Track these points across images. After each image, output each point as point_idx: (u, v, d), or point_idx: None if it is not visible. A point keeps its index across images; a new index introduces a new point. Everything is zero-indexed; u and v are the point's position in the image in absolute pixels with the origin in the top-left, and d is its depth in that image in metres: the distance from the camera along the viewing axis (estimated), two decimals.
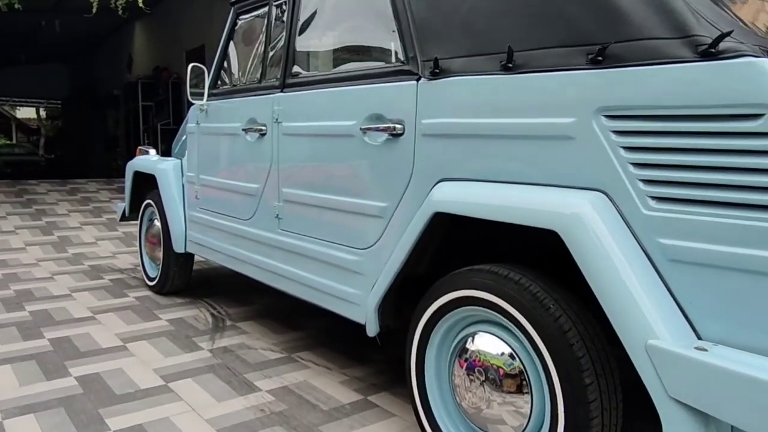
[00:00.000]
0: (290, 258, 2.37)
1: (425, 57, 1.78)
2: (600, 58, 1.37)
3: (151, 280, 3.65)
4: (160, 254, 3.54)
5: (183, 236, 3.28)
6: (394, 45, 1.93)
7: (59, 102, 20.65)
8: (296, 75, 2.36)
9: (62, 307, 3.33)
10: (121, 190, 7.81)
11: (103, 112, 14.35)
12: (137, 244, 4.89)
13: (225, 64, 2.94)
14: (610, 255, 1.29)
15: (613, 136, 1.35)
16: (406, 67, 1.85)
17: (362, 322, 2.01)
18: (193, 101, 2.95)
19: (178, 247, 3.30)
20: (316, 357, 2.63)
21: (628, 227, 1.33)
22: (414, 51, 1.82)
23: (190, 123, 3.17)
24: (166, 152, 10.75)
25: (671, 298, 1.28)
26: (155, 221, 3.64)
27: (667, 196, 1.27)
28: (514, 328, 1.51)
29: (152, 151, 3.87)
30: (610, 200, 1.36)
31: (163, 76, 11.20)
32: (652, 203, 1.30)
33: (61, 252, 4.85)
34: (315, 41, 2.32)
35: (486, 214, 1.53)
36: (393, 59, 1.94)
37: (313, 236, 2.23)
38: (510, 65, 1.54)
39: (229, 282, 3.95)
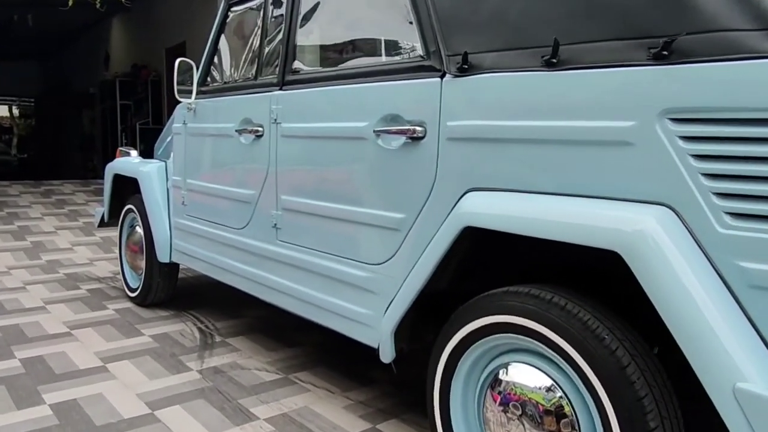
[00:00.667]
0: (289, 272, 2.16)
1: (450, 51, 1.58)
2: (665, 52, 1.19)
3: (133, 290, 3.40)
4: (143, 263, 3.29)
5: (168, 245, 3.05)
6: (412, 38, 1.74)
7: (32, 100, 20.05)
8: (297, 71, 2.15)
9: (35, 321, 3.07)
10: (99, 193, 7.49)
11: (78, 111, 13.89)
12: (116, 251, 4.63)
13: (215, 60, 2.71)
14: (685, 280, 1.11)
15: (681, 143, 1.17)
16: (426, 63, 1.65)
17: (374, 345, 1.81)
18: (181, 99, 2.72)
19: (163, 257, 3.06)
20: (316, 378, 2.42)
21: (700, 248, 1.15)
22: (436, 45, 1.63)
23: (176, 123, 2.94)
24: (146, 153, 10.50)
25: (755, 332, 1.10)
26: (137, 228, 3.40)
27: (748, 212, 1.09)
28: (560, 359, 1.33)
29: (133, 153, 3.62)
30: (678, 216, 1.18)
31: (142, 74, 10.84)
32: (729, 220, 1.12)
33: (35, 258, 4.56)
34: (318, 34, 2.12)
35: (530, 231, 1.34)
36: (411, 54, 1.74)
37: (317, 249, 2.03)
38: (554, 60, 1.36)
39: (216, 293, 3.71)
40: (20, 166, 17.96)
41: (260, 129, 2.27)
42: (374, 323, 1.80)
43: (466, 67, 1.53)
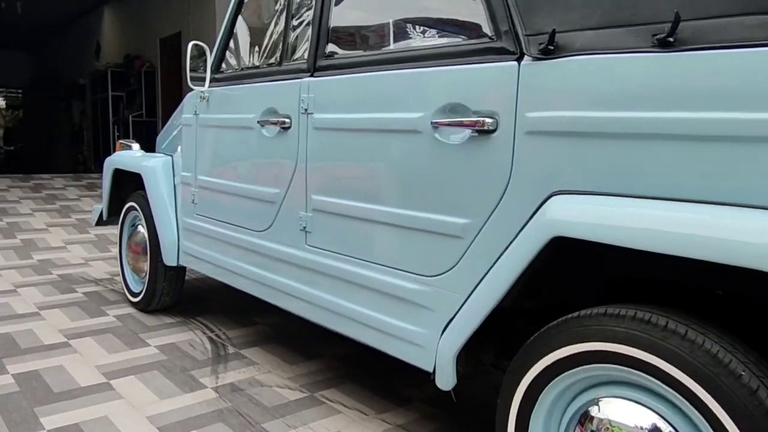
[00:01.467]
0: (320, 281, 1.92)
1: (530, 30, 1.35)
2: None
3: (135, 295, 3.15)
4: (146, 266, 3.04)
5: (175, 247, 2.80)
6: (475, 14, 1.50)
7: (20, 90, 19.57)
8: (332, 56, 1.91)
9: (29, 329, 2.81)
10: (92, 187, 7.19)
11: (68, 102, 13.51)
12: (115, 251, 4.36)
13: (231, 44, 2.46)
14: None
15: None
16: (497, 44, 1.42)
17: (428, 369, 1.58)
18: (193, 87, 2.47)
19: (169, 260, 2.81)
20: (344, 397, 2.19)
21: None
22: (509, 23, 1.39)
23: (186, 113, 2.69)
24: (145, 147, 10.22)
25: None
26: (139, 227, 3.14)
27: None
28: (679, 397, 1.10)
29: (135, 146, 3.36)
30: None
31: (136, 65, 10.51)
32: None
33: (25, 258, 4.28)
34: (357, 13, 1.88)
35: (647, 244, 1.11)
36: (476, 34, 1.50)
37: (355, 257, 1.79)
38: (671, 40, 1.13)
39: (223, 296, 3.47)
40: (7, 159, 17.51)
41: (287, 120, 2.02)
42: (428, 343, 1.57)
43: (552, 48, 1.29)
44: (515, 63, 1.37)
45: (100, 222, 3.55)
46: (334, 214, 1.86)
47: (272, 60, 2.19)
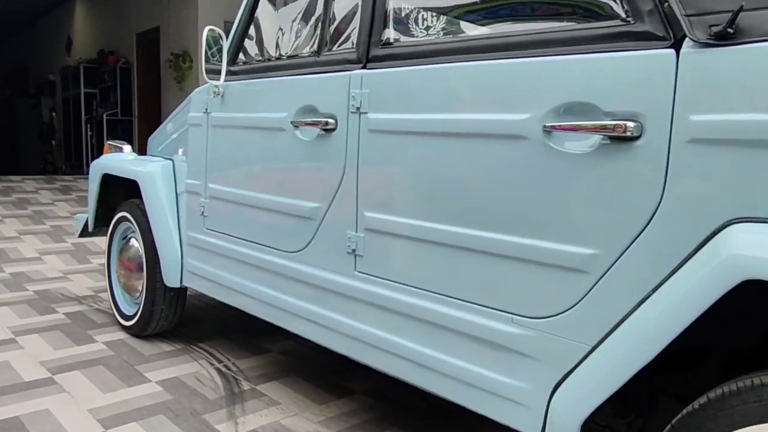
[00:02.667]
0: (375, 316, 1.59)
1: (693, 9, 1.05)
2: None
3: (127, 318, 2.76)
4: (141, 285, 2.66)
5: (178, 265, 2.43)
6: None
7: None
8: (390, 43, 1.58)
9: (5, 361, 2.41)
10: (65, 190, 6.69)
11: (36, 99, 12.84)
12: (98, 264, 3.96)
13: (252, 30, 2.11)
14: None
15: None
16: (638, 28, 1.11)
17: None
18: (209, 80, 2.11)
19: (171, 280, 2.44)
20: None
21: None
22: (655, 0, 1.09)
23: (194, 112, 2.32)
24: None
25: None
26: (132, 240, 2.76)
27: None
28: None
29: (126, 148, 2.97)
30: None
31: (110, 61, 9.99)
32: None
33: None
34: None
35: None
36: (604, 13, 1.20)
37: (426, 289, 1.47)
38: None
39: (226, 317, 3.10)
40: None
41: (331, 121, 1.68)
42: (532, 402, 1.25)
43: (731, 31, 0.99)
44: (671, 51, 1.07)
45: (84, 233, 3.15)
46: (397, 236, 1.53)
47: (308, 49, 1.85)
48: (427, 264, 1.46)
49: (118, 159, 2.84)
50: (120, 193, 2.99)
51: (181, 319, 2.74)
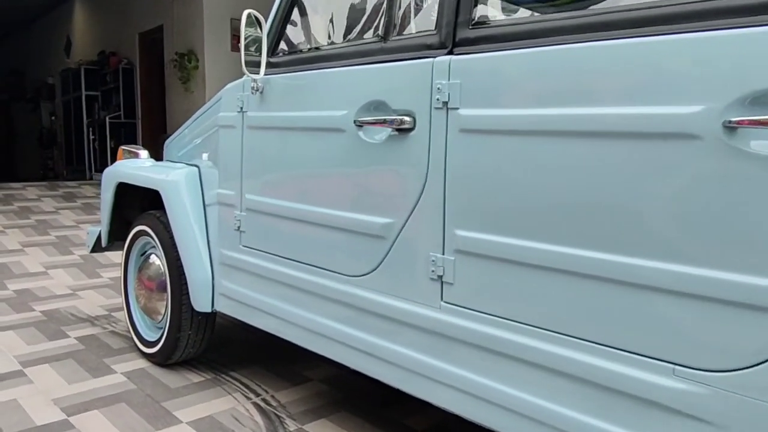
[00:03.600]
0: (469, 357, 1.29)
1: None
2: None
3: (148, 344, 2.46)
4: (164, 308, 2.37)
5: (209, 287, 2.13)
6: None
7: None
8: (485, 22, 1.28)
9: (12, 399, 2.11)
10: (69, 197, 6.39)
11: (35, 103, 12.53)
12: (109, 279, 3.66)
13: (296, 14, 1.81)
14: None
15: None
16: None
17: None
18: (249, 74, 1.80)
19: (201, 304, 2.14)
20: None
21: None
22: None
23: (225, 111, 2.02)
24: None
25: None
26: (153, 257, 2.46)
27: None
28: None
29: (143, 153, 2.67)
30: None
31: (111, 62, 9.69)
32: None
33: None
34: None
35: None
36: None
37: (546, 328, 1.17)
38: None
39: (256, 339, 2.80)
40: None
41: (407, 119, 1.39)
42: None
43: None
44: None
45: (97, 248, 2.85)
46: (502, 260, 1.23)
47: (370, 33, 1.55)
48: (542, 296, 1.16)
49: (135, 166, 2.54)
50: (136, 204, 2.69)
51: (209, 343, 2.45)
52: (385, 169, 1.45)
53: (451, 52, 1.33)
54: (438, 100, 1.32)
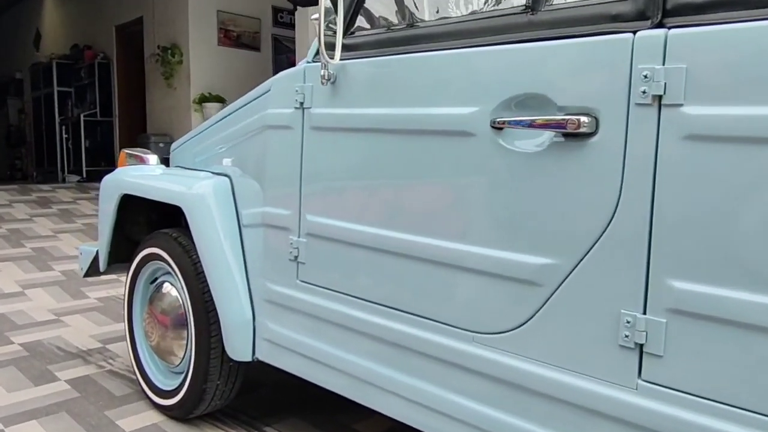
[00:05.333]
0: None
1: None
2: None
3: (163, 395, 2.00)
4: (183, 350, 1.92)
5: (248, 331, 1.69)
6: None
7: None
8: None
9: None
10: (44, 203, 5.80)
11: (1, 99, 11.78)
12: (95, 301, 3.18)
13: None
14: None
15: None
16: None
17: None
18: (327, 59, 1.36)
19: (237, 350, 1.70)
20: None
21: None
22: None
23: (276, 107, 1.58)
24: (95, 152, 8.67)
25: None
26: (167, 286, 2.01)
27: None
28: None
29: (152, 159, 2.21)
30: None
31: (86, 56, 9.07)
32: None
33: None
34: None
35: None
36: None
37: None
38: None
39: (291, 381, 2.35)
40: None
41: (585, 119, 0.98)
42: None
43: None
44: None
45: (93, 272, 2.37)
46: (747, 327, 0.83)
47: (504, 3, 1.14)
48: None
49: (143, 174, 2.08)
50: (142, 220, 2.24)
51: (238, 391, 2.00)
52: (543, 189, 1.04)
53: (660, 25, 0.92)
54: (644, 93, 0.91)
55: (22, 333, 2.79)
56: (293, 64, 1.78)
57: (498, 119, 1.10)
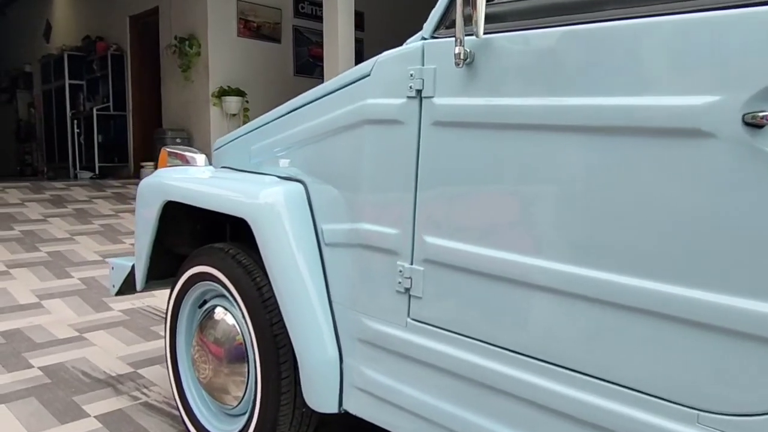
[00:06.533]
0: None
1: None
2: None
3: None
4: (243, 392, 1.59)
5: (334, 376, 1.35)
6: None
7: None
8: None
9: None
10: (58, 202, 5.48)
11: (10, 93, 11.47)
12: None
13: None
14: None
15: None
16: None
17: None
18: (463, 35, 1.02)
19: (319, 400, 1.37)
20: None
21: None
22: None
23: (380, 96, 1.23)
24: (109, 148, 8.29)
25: None
26: (219, 312, 1.68)
27: None
28: None
29: (199, 158, 1.88)
30: None
31: (98, 48, 8.75)
32: None
33: None
34: None
35: None
36: None
37: None
38: None
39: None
40: None
41: None
42: None
43: None
44: None
45: (126, 290, 2.05)
46: None
47: None
48: None
49: (191, 178, 1.75)
50: (185, 230, 1.91)
51: None
52: None
53: None
54: None
55: (42, 354, 2.47)
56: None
57: (756, 113, 0.76)
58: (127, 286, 2.05)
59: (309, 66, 8.16)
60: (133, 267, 1.98)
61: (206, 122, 7.28)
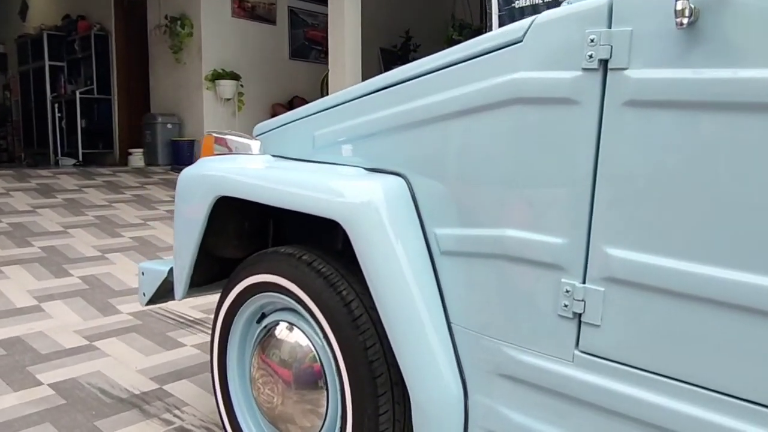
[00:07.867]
0: None
1: None
2: None
3: None
4: (320, 426, 1.32)
5: (458, 418, 1.10)
6: None
7: None
8: None
9: None
10: (46, 191, 5.07)
11: None
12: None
13: None
14: None
15: None
16: None
17: None
18: None
19: None
20: None
21: None
22: None
23: (533, 69, 0.96)
24: (90, 132, 7.82)
25: None
26: (283, 329, 1.41)
27: None
28: None
29: (254, 145, 1.59)
30: None
31: (79, 28, 8.28)
32: None
33: None
34: None
35: None
36: None
37: None
38: None
39: None
40: None
41: None
42: None
43: None
44: None
45: (159, 298, 1.76)
46: None
47: None
48: None
49: (248, 169, 1.47)
50: (230, 230, 1.62)
51: None
52: None
53: None
54: None
55: (50, 368, 2.17)
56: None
57: None
58: (159, 294, 1.76)
59: (305, 49, 7.82)
60: (169, 272, 1.69)
61: (199, 107, 6.91)
